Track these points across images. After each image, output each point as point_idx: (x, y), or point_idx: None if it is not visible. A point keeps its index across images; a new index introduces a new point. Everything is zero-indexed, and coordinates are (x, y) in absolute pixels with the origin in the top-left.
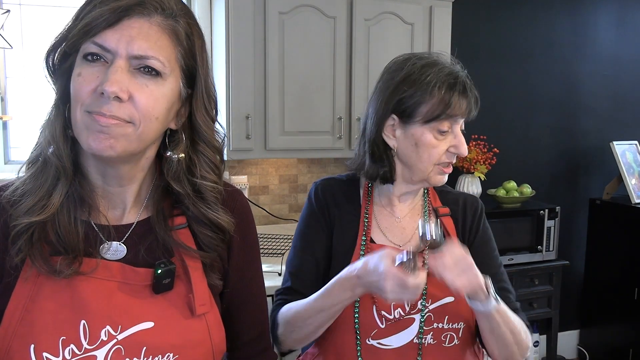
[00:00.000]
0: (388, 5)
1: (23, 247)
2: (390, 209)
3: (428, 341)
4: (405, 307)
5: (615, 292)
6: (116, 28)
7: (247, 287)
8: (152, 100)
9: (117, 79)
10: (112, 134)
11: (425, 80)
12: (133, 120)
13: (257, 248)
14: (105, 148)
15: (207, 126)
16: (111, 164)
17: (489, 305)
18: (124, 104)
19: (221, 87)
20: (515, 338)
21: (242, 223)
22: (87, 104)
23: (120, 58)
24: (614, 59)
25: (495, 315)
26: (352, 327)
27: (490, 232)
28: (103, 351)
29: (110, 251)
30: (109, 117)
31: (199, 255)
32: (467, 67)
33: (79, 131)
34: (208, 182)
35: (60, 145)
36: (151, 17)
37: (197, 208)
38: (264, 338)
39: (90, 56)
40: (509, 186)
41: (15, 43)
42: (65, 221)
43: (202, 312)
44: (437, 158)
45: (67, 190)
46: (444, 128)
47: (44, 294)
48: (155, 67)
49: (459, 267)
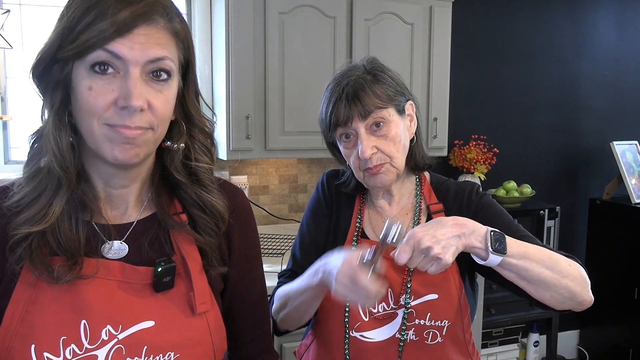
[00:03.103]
0: (388, 5)
1: (23, 254)
2: (380, 208)
3: (410, 337)
4: (390, 302)
5: (615, 292)
6: (127, 37)
7: (248, 286)
8: (167, 104)
9: (139, 91)
10: (137, 143)
11: (325, 97)
12: (152, 126)
13: (257, 247)
14: (131, 157)
15: (198, 112)
16: (124, 168)
17: (492, 258)
18: (145, 114)
19: (221, 87)
20: (561, 272)
21: (243, 221)
22: (106, 117)
23: (135, 67)
24: (614, 59)
25: (512, 261)
26: (341, 319)
27: (496, 208)
28: (104, 351)
29: (112, 250)
30: (134, 128)
31: (197, 240)
32: (467, 67)
33: (99, 143)
34: (202, 164)
35: (66, 156)
36: (157, 23)
37: (194, 192)
38: (265, 338)
39: (99, 66)
40: (509, 186)
41: (15, 43)
42: (66, 227)
43: (203, 310)
44: (356, 165)
45: (69, 198)
46: (342, 135)
47: (45, 296)
48: (168, 68)
49: (428, 227)
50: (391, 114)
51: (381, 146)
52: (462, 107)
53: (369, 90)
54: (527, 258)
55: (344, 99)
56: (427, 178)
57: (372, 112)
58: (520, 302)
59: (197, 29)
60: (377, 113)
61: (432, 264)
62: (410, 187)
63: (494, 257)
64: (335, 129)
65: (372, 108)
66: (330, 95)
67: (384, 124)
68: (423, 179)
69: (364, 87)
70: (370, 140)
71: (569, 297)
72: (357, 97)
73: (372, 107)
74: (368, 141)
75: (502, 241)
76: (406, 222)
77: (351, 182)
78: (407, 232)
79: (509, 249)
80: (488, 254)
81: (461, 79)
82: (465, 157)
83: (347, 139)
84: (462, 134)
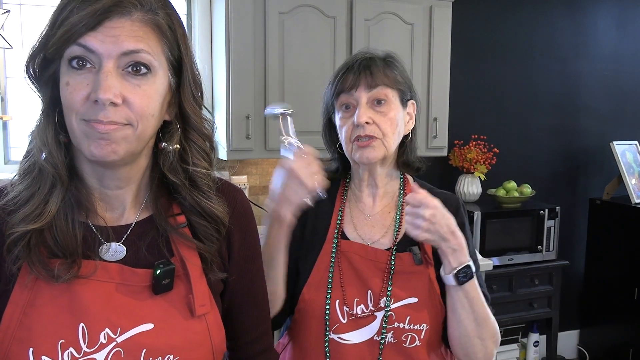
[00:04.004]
0: (388, 5)
1: (21, 254)
2: (363, 206)
3: (388, 340)
4: (369, 304)
5: (615, 292)
6: (98, 30)
7: (247, 287)
8: (146, 99)
9: (109, 84)
10: (113, 139)
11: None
12: (131, 121)
13: (258, 248)
14: (108, 153)
15: (196, 113)
16: (111, 167)
17: (450, 277)
18: (119, 108)
19: (221, 87)
20: (479, 331)
21: (242, 221)
22: (82, 113)
23: (108, 60)
24: (614, 59)
25: (460, 293)
26: (319, 321)
27: (469, 233)
28: (102, 354)
29: (110, 252)
30: (107, 123)
31: (198, 246)
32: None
33: (79, 140)
34: (200, 169)
35: (54, 153)
36: (131, 15)
37: (192, 197)
38: (265, 338)
39: (76, 61)
40: (509, 186)
41: (15, 43)
42: (63, 225)
43: (202, 312)
44: (347, 135)
45: (64, 196)
46: (342, 105)
47: (43, 298)
48: (145, 62)
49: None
50: (394, 97)
51: (378, 120)
52: (462, 107)
53: (381, 67)
54: (472, 304)
55: (355, 67)
56: (410, 181)
57: (379, 86)
58: (520, 302)
59: (197, 29)
60: (383, 89)
61: (412, 225)
62: (395, 186)
63: (451, 278)
64: (338, 97)
65: (380, 82)
66: (342, 66)
67: (385, 103)
68: (406, 181)
69: (376, 63)
70: (369, 112)
71: (469, 352)
72: (369, 68)
73: (380, 82)
74: (367, 111)
75: (469, 275)
76: (388, 221)
77: (333, 165)
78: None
79: (467, 286)
80: (450, 273)
81: (461, 79)
82: (465, 157)
83: (347, 109)
84: (462, 134)
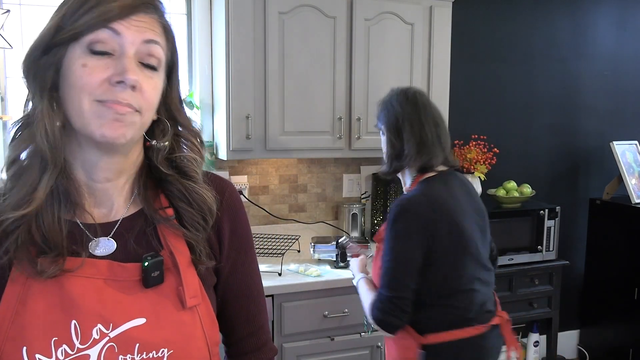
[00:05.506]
0: (388, 5)
1: (10, 247)
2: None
3: None
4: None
5: (615, 292)
6: (126, 20)
7: (241, 280)
8: (155, 91)
9: (134, 68)
10: (126, 122)
11: None
12: (141, 109)
13: (249, 239)
14: (119, 136)
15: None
16: (112, 153)
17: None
18: (136, 94)
19: (221, 87)
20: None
21: (232, 213)
22: (97, 94)
23: (131, 47)
24: (614, 59)
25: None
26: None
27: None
28: (96, 350)
29: (100, 247)
30: (125, 104)
31: (185, 235)
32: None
33: (88, 120)
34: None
35: (57, 137)
36: (153, 15)
37: (181, 184)
38: (261, 333)
39: (98, 45)
40: (509, 186)
41: (15, 43)
42: (49, 219)
43: (193, 304)
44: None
45: (53, 183)
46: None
47: (33, 295)
48: (158, 56)
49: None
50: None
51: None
52: (462, 107)
53: None
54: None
55: None
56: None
57: None
58: (520, 302)
59: (197, 29)
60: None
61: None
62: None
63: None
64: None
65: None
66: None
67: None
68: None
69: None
70: None
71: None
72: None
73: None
74: None
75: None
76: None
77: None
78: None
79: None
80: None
81: (461, 79)
82: (465, 157)
83: None
84: (462, 133)
